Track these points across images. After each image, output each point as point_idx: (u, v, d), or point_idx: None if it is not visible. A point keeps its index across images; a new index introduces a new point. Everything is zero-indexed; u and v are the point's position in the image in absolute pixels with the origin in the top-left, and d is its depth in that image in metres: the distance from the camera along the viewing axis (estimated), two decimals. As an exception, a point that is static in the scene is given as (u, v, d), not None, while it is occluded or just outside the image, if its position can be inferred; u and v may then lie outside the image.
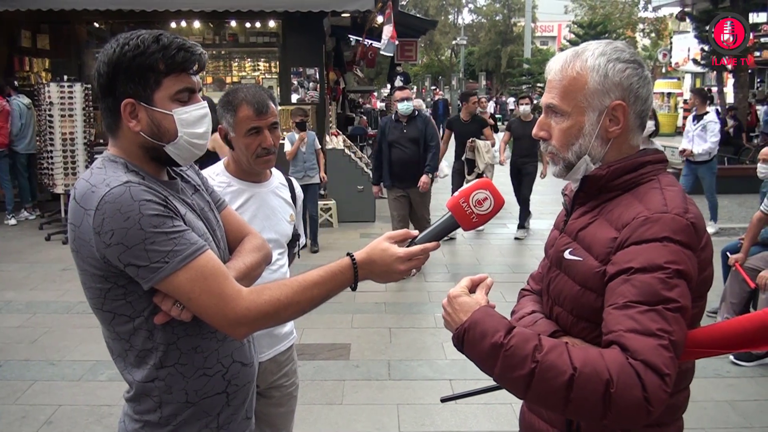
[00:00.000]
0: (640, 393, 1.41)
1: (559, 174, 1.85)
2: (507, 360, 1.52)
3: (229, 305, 1.68)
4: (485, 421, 4.42)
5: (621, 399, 1.42)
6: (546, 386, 1.48)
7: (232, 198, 2.76)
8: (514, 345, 1.52)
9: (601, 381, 1.43)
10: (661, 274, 1.52)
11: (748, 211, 10.81)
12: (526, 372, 1.50)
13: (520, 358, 1.51)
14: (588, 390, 1.44)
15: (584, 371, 1.45)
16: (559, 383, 1.46)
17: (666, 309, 1.49)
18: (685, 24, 30.51)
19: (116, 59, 1.72)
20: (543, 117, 1.84)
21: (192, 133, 1.80)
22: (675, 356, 1.47)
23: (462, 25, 50.02)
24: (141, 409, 1.83)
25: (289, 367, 2.96)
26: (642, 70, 1.75)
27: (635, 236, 1.59)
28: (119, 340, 1.79)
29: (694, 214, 1.63)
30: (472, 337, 1.60)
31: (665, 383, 1.43)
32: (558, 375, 1.47)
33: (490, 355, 1.55)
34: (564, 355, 1.48)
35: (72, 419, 4.45)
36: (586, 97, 1.73)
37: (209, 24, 12.97)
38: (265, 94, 2.73)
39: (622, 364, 1.44)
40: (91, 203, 1.64)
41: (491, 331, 1.57)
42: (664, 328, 1.47)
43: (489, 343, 1.55)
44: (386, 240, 1.83)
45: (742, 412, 4.55)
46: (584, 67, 1.74)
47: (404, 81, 19.13)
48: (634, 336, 1.47)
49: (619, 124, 1.74)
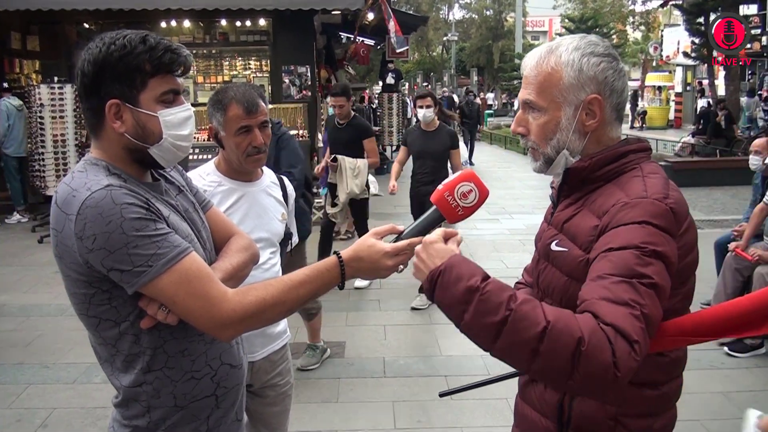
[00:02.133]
0: (609, 356, 1.38)
1: (540, 169, 1.85)
2: (480, 305, 1.48)
3: (214, 307, 1.67)
4: (481, 417, 4.42)
5: (590, 359, 1.38)
6: (517, 336, 1.44)
7: (223, 197, 2.75)
8: (489, 290, 1.48)
9: (573, 338, 1.40)
10: (636, 251, 1.52)
11: (741, 203, 10.84)
12: (498, 319, 1.45)
13: (495, 305, 1.46)
14: (559, 344, 1.40)
15: (557, 325, 1.41)
16: (531, 334, 1.42)
17: (640, 283, 1.49)
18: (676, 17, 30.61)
19: (102, 59, 1.69)
20: (521, 113, 1.85)
21: (176, 135, 1.78)
22: (646, 329, 1.45)
23: (453, 21, 50.01)
24: (129, 414, 1.82)
25: (283, 366, 2.95)
26: (616, 63, 1.77)
27: (614, 221, 1.61)
28: (105, 345, 1.77)
29: (674, 199, 1.64)
30: (446, 280, 1.55)
31: (635, 351, 1.40)
32: (531, 326, 1.42)
33: (463, 300, 1.51)
34: (538, 308, 1.45)
35: (67, 422, 4.44)
36: (561, 92, 1.75)
37: (199, 23, 12.93)
38: (255, 92, 2.72)
39: (594, 327, 1.41)
40: (72, 208, 1.62)
41: (467, 274, 1.53)
42: (637, 300, 1.46)
43: (464, 286, 1.51)
44: (372, 236, 1.81)
45: (737, 403, 4.56)
46: (559, 63, 1.75)
47: (396, 78, 19.11)
48: (606, 303, 1.46)
49: (595, 117, 1.75)
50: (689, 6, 20.87)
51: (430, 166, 6.83)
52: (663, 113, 32.37)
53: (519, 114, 1.86)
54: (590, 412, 1.75)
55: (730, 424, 4.30)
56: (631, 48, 41.74)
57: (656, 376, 1.75)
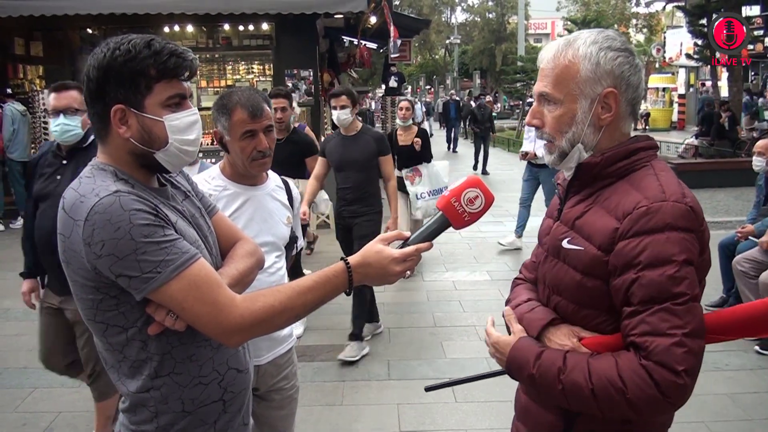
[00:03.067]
0: (654, 391, 1.53)
1: (554, 163, 1.86)
2: (541, 386, 1.72)
3: (222, 313, 1.67)
4: (485, 419, 4.42)
5: (638, 400, 1.55)
6: (577, 401, 1.66)
7: (229, 201, 2.76)
8: (542, 373, 1.70)
9: (616, 390, 1.57)
10: (669, 270, 1.57)
11: (745, 204, 10.83)
12: (557, 392, 1.67)
13: (550, 382, 1.68)
14: (607, 400, 1.59)
15: (599, 384, 1.60)
16: (585, 397, 1.62)
17: (675, 305, 1.56)
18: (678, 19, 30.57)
19: (107, 64, 1.69)
20: (536, 105, 1.86)
21: (183, 139, 1.78)
22: (690, 348, 1.55)
23: (455, 23, 50.04)
24: (137, 420, 1.81)
25: (289, 370, 2.96)
26: (633, 58, 1.78)
27: (638, 227, 1.62)
28: (113, 351, 1.76)
29: (690, 197, 1.66)
30: (516, 374, 1.81)
31: (680, 377, 1.53)
32: (581, 391, 1.63)
33: (531, 384, 1.76)
34: (584, 371, 1.63)
35: (72, 426, 4.45)
36: (578, 84, 1.76)
37: (202, 27, 12.95)
38: (260, 97, 2.73)
39: (633, 369, 1.56)
40: (80, 214, 1.62)
41: (523, 364, 1.75)
42: (675, 325, 1.55)
43: (526, 375, 1.75)
44: (380, 242, 1.82)
45: (742, 405, 4.57)
46: (576, 56, 1.76)
47: (399, 81, 19.09)
48: (646, 338, 1.57)
49: (611, 111, 1.76)
50: (692, 8, 20.85)
51: (353, 180, 5.69)
52: (666, 115, 32.29)
53: (534, 106, 1.86)
54: None
55: (734, 426, 4.30)
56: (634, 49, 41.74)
57: None
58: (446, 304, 6.89)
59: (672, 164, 14.48)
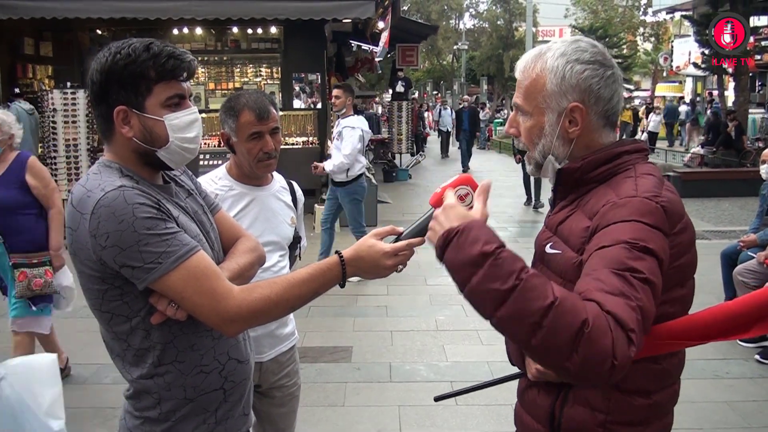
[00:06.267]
0: (609, 343, 1.34)
1: (533, 172, 1.88)
2: (491, 269, 1.43)
3: (221, 303, 1.74)
4: (486, 423, 4.46)
5: (592, 342, 1.34)
6: (522, 306, 1.39)
7: (234, 201, 2.81)
8: (503, 258, 1.44)
9: (579, 318, 1.36)
10: (628, 246, 1.50)
11: (749, 214, 10.83)
12: (507, 287, 1.40)
13: (506, 272, 1.42)
14: (564, 321, 1.36)
15: (564, 303, 1.38)
16: (537, 306, 1.37)
17: (633, 276, 1.46)
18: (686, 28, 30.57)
19: (108, 68, 1.78)
20: (513, 114, 1.88)
21: (183, 138, 1.86)
22: (642, 322, 1.41)
23: (463, 29, 50.02)
24: (141, 406, 1.89)
25: (290, 368, 3.00)
26: (604, 70, 1.74)
27: (604, 221, 1.60)
28: (117, 340, 1.84)
29: (666, 198, 1.62)
30: (461, 241, 1.51)
31: (631, 341, 1.36)
32: (538, 298, 1.38)
33: (474, 263, 1.46)
34: (549, 284, 1.41)
35: (77, 422, 4.48)
36: (544, 98, 1.76)
37: (211, 30, 13.03)
38: (267, 99, 2.78)
39: (598, 312, 1.38)
40: (87, 207, 1.70)
41: (484, 239, 1.48)
42: (632, 292, 1.43)
43: (478, 249, 1.46)
44: (372, 237, 1.88)
45: (741, 413, 4.59)
46: (544, 69, 1.76)
47: (406, 86, 19.18)
48: (602, 294, 1.42)
49: (578, 125, 1.75)
50: (699, 17, 20.86)
51: None
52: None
53: (512, 115, 1.88)
54: (580, 418, 1.74)
55: (733, 434, 4.33)
56: (641, 58, 41.70)
57: (647, 384, 1.73)
58: (448, 307, 6.91)
59: (677, 173, 14.52)
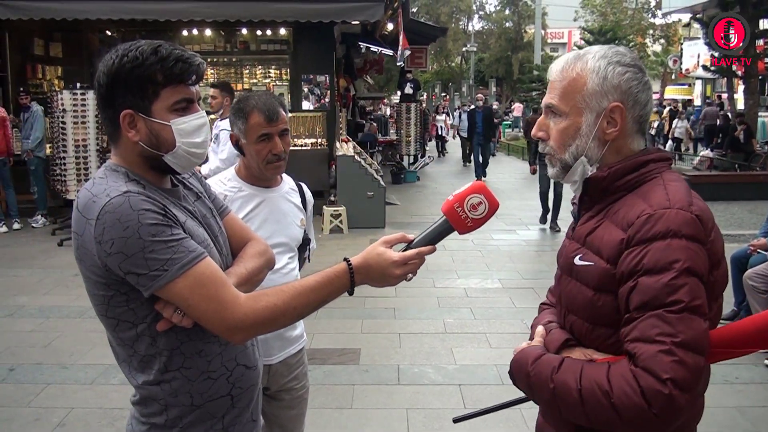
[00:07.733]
0: (639, 399, 1.47)
1: (557, 176, 1.86)
2: (535, 386, 1.69)
3: (227, 311, 1.71)
4: (495, 427, 4.43)
5: (622, 406, 1.49)
6: (566, 405, 1.61)
7: (243, 203, 2.80)
8: (537, 372, 1.67)
9: (602, 392, 1.52)
10: (665, 277, 1.52)
11: (758, 218, 10.77)
12: (549, 393, 1.63)
13: (543, 381, 1.65)
14: (594, 403, 1.54)
15: (586, 386, 1.55)
16: (573, 400, 1.57)
17: (668, 312, 1.50)
18: (696, 30, 30.45)
19: (115, 70, 1.74)
20: (542, 117, 1.86)
21: (190, 142, 1.82)
22: (681, 358, 1.47)
23: (472, 31, 49.99)
24: (147, 412, 1.86)
25: (299, 370, 2.99)
26: (642, 75, 1.77)
27: (640, 235, 1.59)
28: (123, 346, 1.82)
29: (698, 207, 1.63)
30: (516, 375, 1.78)
31: (665, 385, 1.45)
32: (570, 392, 1.58)
33: (527, 386, 1.73)
34: (576, 373, 1.58)
35: (84, 422, 4.50)
36: (584, 97, 1.75)
37: (220, 32, 13.07)
38: (276, 101, 2.78)
39: (622, 373, 1.51)
40: (92, 213, 1.68)
41: (523, 363, 1.73)
42: (665, 332, 1.48)
43: (523, 374, 1.72)
44: (382, 244, 1.84)
45: (750, 418, 4.56)
46: (584, 69, 1.76)
47: (414, 88, 19.16)
48: (637, 344, 1.52)
49: (616, 126, 1.74)
50: (708, 19, 20.77)
51: None
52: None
53: (541, 118, 1.86)
54: None
55: (743, 439, 4.30)
56: (651, 61, 41.57)
57: None
58: (457, 310, 6.90)
59: (686, 176, 14.45)
